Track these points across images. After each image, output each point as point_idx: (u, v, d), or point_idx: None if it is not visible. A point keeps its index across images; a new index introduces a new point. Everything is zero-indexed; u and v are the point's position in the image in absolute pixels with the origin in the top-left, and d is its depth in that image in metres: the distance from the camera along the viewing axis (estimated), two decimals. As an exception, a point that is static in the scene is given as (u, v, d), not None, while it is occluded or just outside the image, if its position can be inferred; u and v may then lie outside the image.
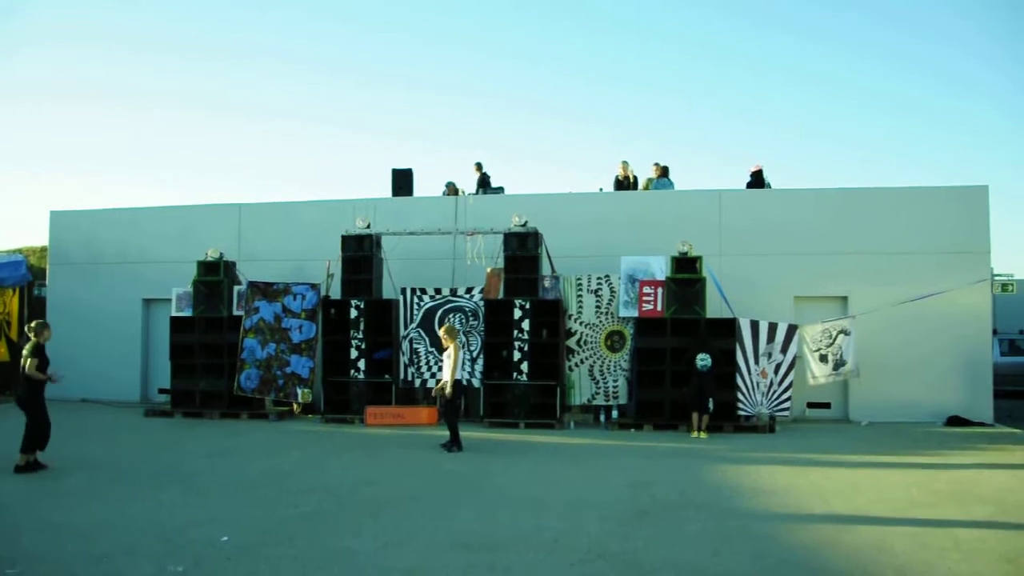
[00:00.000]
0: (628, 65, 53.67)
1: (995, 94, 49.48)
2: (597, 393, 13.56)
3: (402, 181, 16.28)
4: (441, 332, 11.40)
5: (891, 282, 13.88)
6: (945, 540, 6.69)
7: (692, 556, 6.18)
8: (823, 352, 13.42)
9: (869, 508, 7.84)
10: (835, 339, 13.40)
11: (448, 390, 10.86)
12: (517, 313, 13.39)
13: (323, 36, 53.16)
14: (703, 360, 12.28)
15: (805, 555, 6.27)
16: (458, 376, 10.99)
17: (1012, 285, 15.23)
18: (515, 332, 13.35)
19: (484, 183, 16.66)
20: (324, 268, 14.43)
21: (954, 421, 13.67)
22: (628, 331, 13.56)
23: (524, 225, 13.62)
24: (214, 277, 14.56)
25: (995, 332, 16.59)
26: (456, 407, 11.26)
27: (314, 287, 14.40)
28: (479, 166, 16.89)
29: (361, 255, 14.13)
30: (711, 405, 12.25)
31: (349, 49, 54.13)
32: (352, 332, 13.84)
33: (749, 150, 55.05)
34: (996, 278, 14.76)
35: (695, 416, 12.31)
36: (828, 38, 48.48)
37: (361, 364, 13.80)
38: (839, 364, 13.42)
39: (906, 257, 14.08)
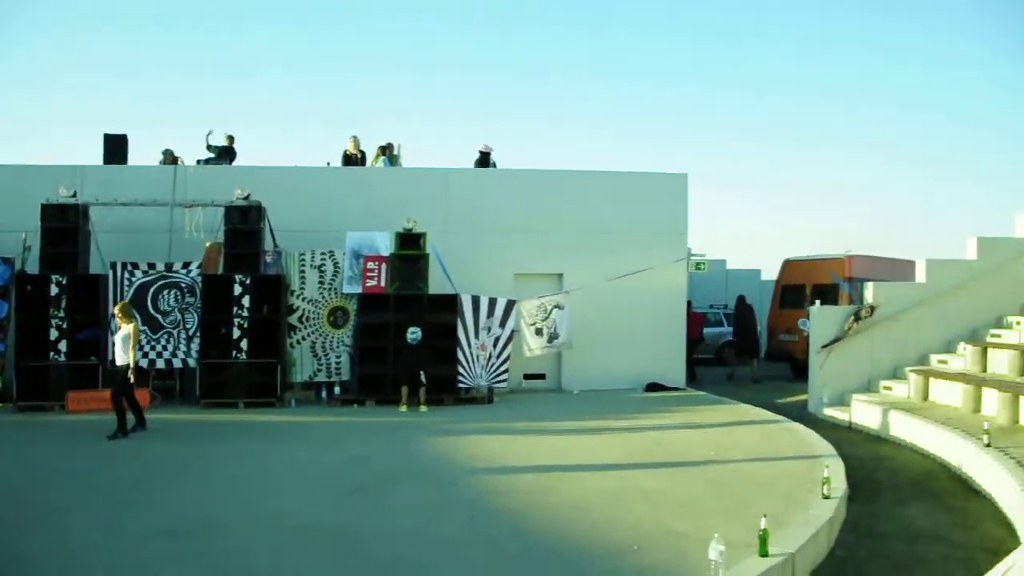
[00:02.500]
0: (357, 44, 53.39)
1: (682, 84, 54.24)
2: (320, 370, 13.47)
3: (115, 148, 15.15)
4: (116, 311, 10.74)
5: (601, 260, 14.87)
6: (635, 493, 7.41)
7: (408, 525, 6.40)
8: (539, 326, 14.18)
9: (573, 470, 8.46)
10: (550, 313, 14.19)
11: (131, 374, 10.23)
12: (237, 289, 12.95)
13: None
14: (413, 334, 12.56)
15: (513, 517, 6.67)
16: (126, 360, 10.25)
17: (704, 264, 16.92)
18: (235, 309, 12.92)
19: (227, 153, 15.79)
20: (20, 240, 13.19)
21: (653, 387, 14.97)
22: (352, 307, 13.57)
23: (247, 198, 13.19)
24: None
25: (689, 306, 18.35)
26: (129, 391, 10.41)
27: (7, 261, 13.13)
28: (228, 141, 16.03)
29: (65, 226, 12.98)
30: (424, 378, 12.55)
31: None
32: (52, 311, 12.72)
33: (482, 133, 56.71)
34: (692, 258, 16.29)
35: (404, 390, 12.56)
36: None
37: (63, 346, 12.74)
38: (553, 337, 14.24)
39: (615, 237, 15.15)
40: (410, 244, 13.52)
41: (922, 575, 6.10)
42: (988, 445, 9.13)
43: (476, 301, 13.61)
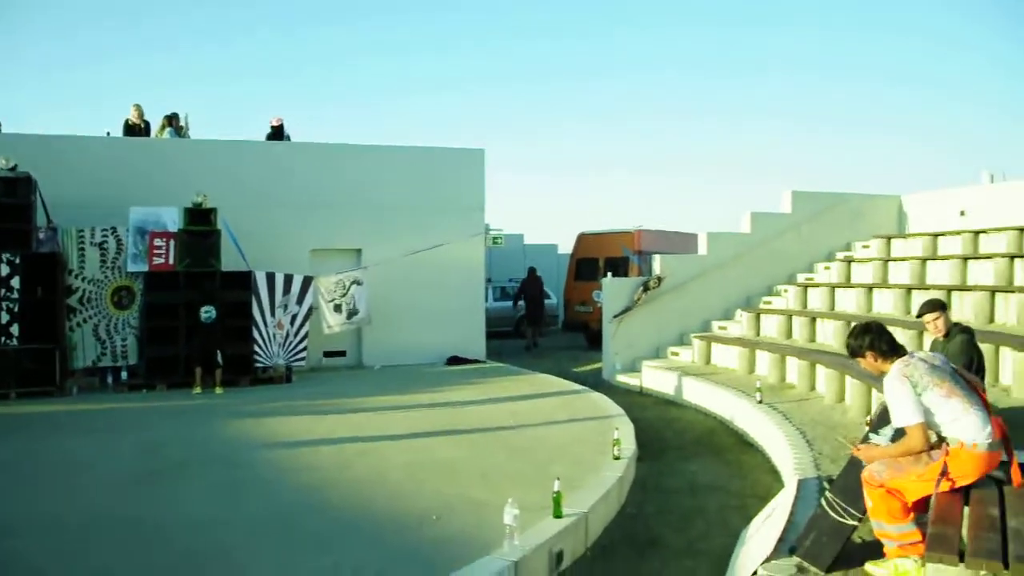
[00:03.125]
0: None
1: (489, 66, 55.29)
2: (104, 354, 12.70)
3: None
4: None
5: (400, 235, 14.95)
6: (435, 464, 7.64)
7: (205, 511, 6.27)
8: (338, 302, 14.09)
9: (373, 444, 8.56)
10: (348, 289, 14.13)
11: None
12: (5, 269, 11.93)
13: None
14: (207, 313, 12.14)
15: (312, 495, 6.68)
16: None
17: (501, 238, 17.40)
18: (2, 291, 11.91)
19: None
20: None
21: (454, 360, 15.31)
22: (138, 287, 12.86)
23: (13, 169, 12.15)
24: None
25: (488, 280, 18.87)
26: None
27: None
28: None
29: None
30: (219, 359, 12.19)
31: None
32: None
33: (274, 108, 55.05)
34: (489, 232, 16.70)
35: (198, 371, 12.16)
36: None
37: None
38: (353, 313, 14.20)
39: (413, 212, 15.27)
40: (200, 220, 12.98)
41: (702, 524, 6.74)
42: (760, 402, 10.16)
43: (271, 278, 13.31)
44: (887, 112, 54.34)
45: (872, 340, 4.53)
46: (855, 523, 4.54)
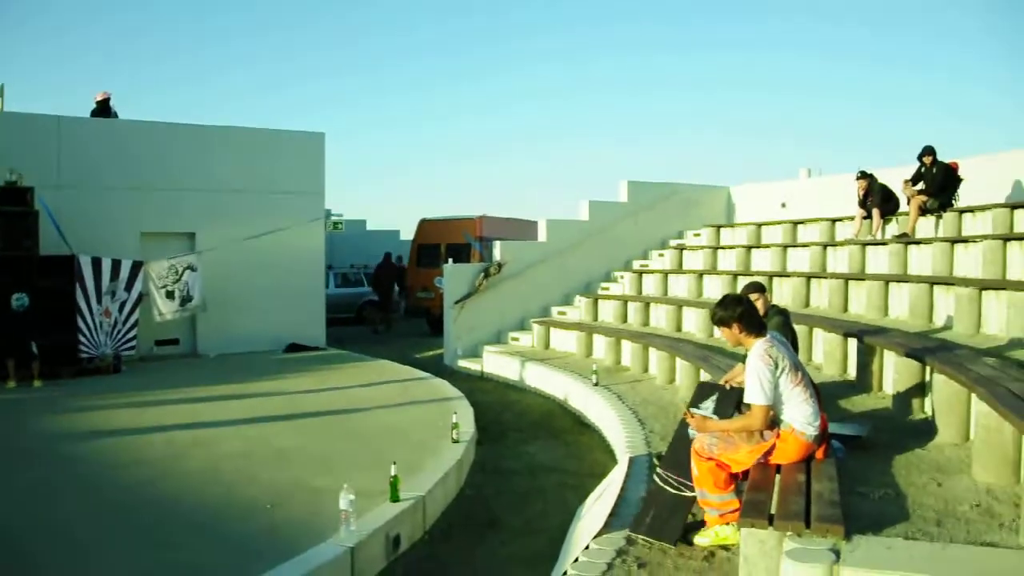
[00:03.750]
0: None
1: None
2: (-99, 344, 11.61)
3: None
4: None
5: (236, 219, 14.45)
6: (271, 453, 7.52)
7: (27, 511, 5.94)
8: (170, 288, 13.48)
9: (207, 434, 8.28)
10: (182, 275, 13.54)
11: None
12: None
13: None
14: (19, 300, 11.26)
15: (144, 489, 6.44)
16: None
17: (341, 224, 17.16)
18: None
19: None
20: None
21: (293, 347, 14.98)
22: (-59, 272, 11.83)
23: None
24: None
25: (329, 267, 18.58)
26: None
27: None
28: None
29: None
30: (35, 348, 11.38)
31: None
32: None
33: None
34: (330, 217, 16.41)
35: (11, 363, 11.26)
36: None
37: None
38: (186, 300, 13.63)
39: (251, 196, 14.79)
40: (14, 199, 12.04)
41: (540, 503, 6.96)
42: (596, 384, 10.53)
43: (97, 263, 12.56)
44: (722, 108, 57.27)
45: (743, 313, 4.74)
46: (693, 494, 4.79)
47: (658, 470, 5.22)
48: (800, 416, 4.57)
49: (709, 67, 55.54)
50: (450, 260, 16.01)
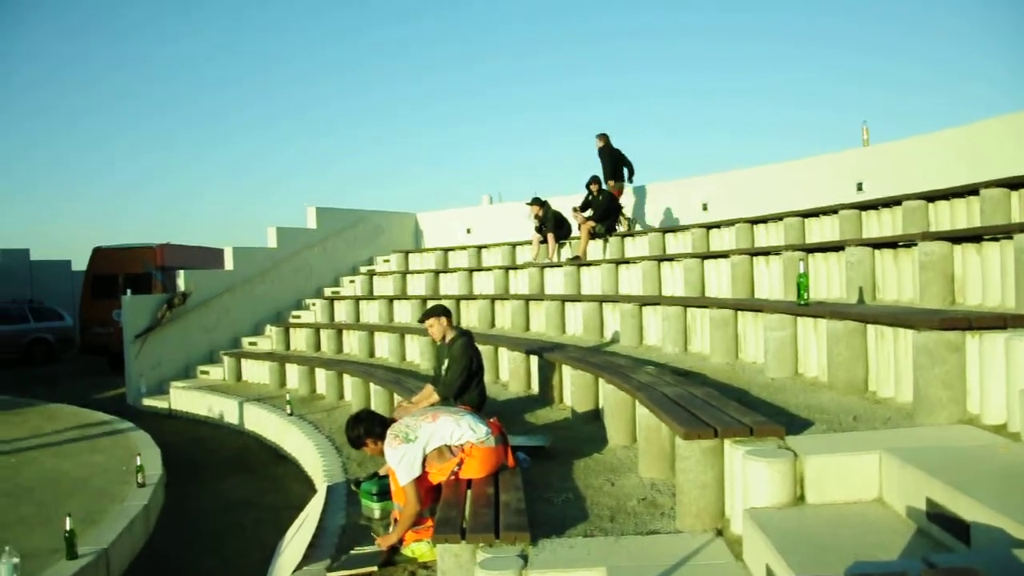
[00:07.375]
0: None
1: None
2: None
3: None
4: None
5: None
6: None
7: None
8: None
9: None
10: None
11: None
12: None
13: None
14: None
15: None
16: None
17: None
18: None
19: None
20: None
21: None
22: None
23: None
24: None
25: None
26: None
27: None
28: None
29: None
30: None
31: None
32: None
33: None
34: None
35: None
36: None
37: None
38: None
39: None
40: None
41: (238, 542, 6.74)
42: (291, 414, 10.36)
43: None
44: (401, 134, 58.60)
45: (366, 428, 5.05)
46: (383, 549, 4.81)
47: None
48: (465, 432, 4.95)
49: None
50: (128, 291, 14.93)
